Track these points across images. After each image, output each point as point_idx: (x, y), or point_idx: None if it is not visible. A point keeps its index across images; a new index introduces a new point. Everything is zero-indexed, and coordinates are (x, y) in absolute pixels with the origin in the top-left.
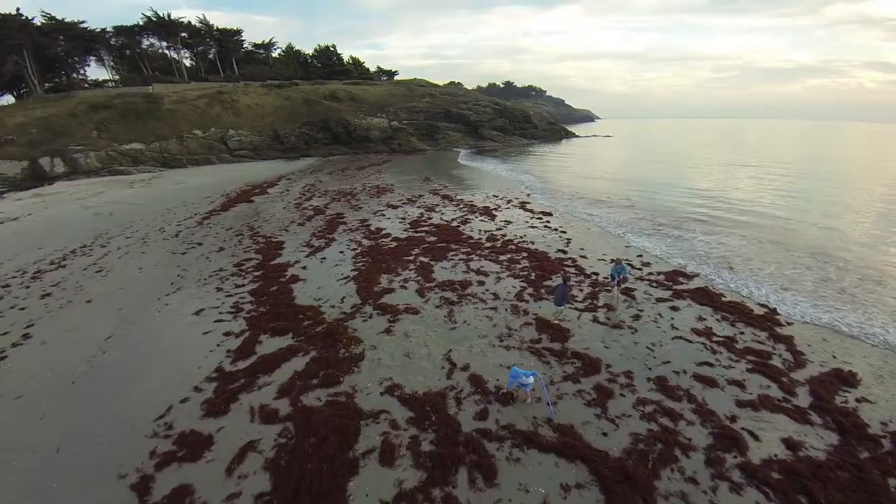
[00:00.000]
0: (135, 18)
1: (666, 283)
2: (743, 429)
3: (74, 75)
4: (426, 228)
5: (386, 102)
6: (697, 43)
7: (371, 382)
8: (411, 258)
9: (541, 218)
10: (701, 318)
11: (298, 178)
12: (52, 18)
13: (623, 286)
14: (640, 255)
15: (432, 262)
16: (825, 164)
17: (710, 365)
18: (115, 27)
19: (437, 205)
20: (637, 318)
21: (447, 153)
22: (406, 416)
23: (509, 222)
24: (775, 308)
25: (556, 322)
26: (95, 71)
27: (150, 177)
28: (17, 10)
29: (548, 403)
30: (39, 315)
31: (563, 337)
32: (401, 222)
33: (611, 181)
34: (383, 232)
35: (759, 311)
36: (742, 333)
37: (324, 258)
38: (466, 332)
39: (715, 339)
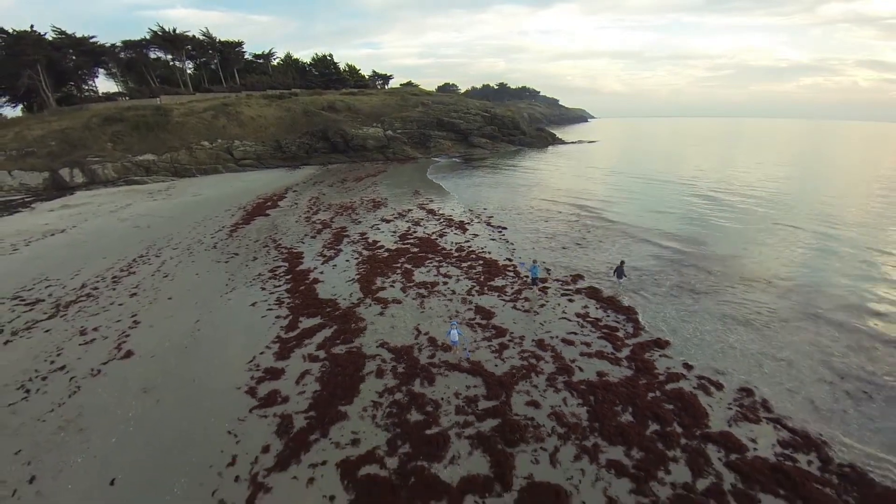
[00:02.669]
0: (131, 17)
1: (570, 283)
2: (577, 366)
3: (84, 86)
4: (411, 241)
5: (381, 112)
6: (693, 42)
7: (371, 341)
8: (398, 265)
9: (500, 231)
10: (585, 307)
11: (303, 191)
12: (62, 33)
13: (541, 285)
14: (554, 261)
15: (413, 269)
16: (797, 191)
17: (575, 333)
18: (123, 42)
19: (422, 219)
20: (543, 306)
21: (437, 162)
22: (390, 357)
23: (476, 235)
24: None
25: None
26: (103, 82)
27: (165, 187)
28: (32, 26)
29: (464, 348)
30: (137, 309)
31: (489, 317)
32: (392, 235)
33: (571, 196)
34: (378, 244)
35: (625, 303)
36: (608, 316)
37: (335, 265)
38: (430, 314)
39: (588, 319)
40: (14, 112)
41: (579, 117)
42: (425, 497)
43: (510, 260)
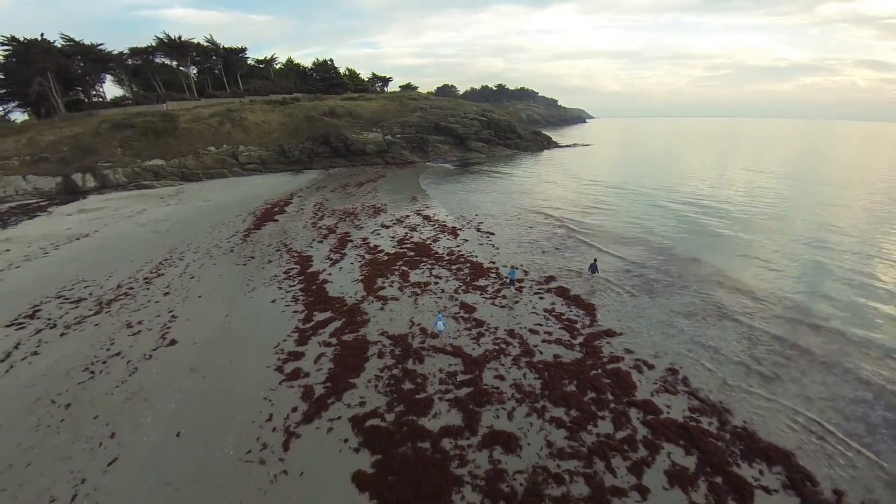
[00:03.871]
0: (129, 17)
1: (543, 283)
2: (538, 350)
3: (92, 92)
4: (408, 245)
5: (380, 117)
6: (691, 41)
7: (373, 330)
8: (396, 268)
9: (488, 237)
10: (553, 304)
11: (308, 196)
12: (70, 40)
13: (518, 285)
14: (532, 264)
15: (409, 270)
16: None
17: (541, 325)
18: (130, 49)
19: (419, 225)
20: (517, 302)
21: (433, 167)
22: (389, 343)
23: (466, 240)
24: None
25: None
26: (109, 87)
27: (175, 191)
28: (42, 34)
29: (449, 336)
30: (173, 306)
31: (471, 311)
32: (391, 240)
33: (555, 205)
34: (378, 248)
35: (590, 300)
36: (571, 311)
37: (341, 267)
38: (422, 309)
39: (553, 313)
40: (22, 116)
41: (578, 118)
42: (414, 439)
43: (493, 263)
